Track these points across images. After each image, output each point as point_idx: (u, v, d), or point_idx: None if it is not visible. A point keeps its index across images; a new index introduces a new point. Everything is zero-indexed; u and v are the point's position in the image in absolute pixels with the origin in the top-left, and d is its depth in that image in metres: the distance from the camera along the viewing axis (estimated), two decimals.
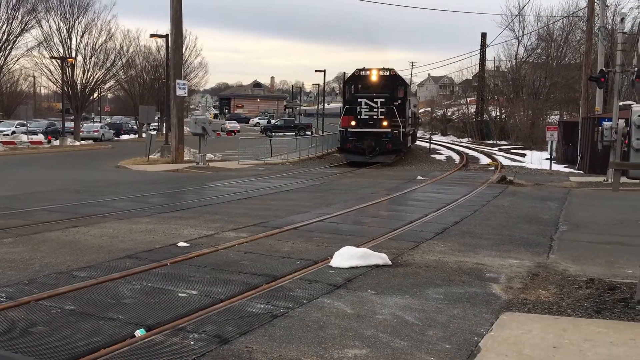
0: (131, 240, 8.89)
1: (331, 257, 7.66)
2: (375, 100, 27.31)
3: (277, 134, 55.09)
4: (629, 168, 5.76)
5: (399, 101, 27.81)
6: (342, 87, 30.74)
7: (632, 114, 5.82)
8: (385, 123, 26.95)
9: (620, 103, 19.14)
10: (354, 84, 28.47)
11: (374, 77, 27.89)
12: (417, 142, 41.14)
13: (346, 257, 7.54)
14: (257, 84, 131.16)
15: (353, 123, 27.39)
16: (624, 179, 6.02)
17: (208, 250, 8.25)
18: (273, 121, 75.33)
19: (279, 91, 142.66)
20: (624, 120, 5.99)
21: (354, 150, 27.35)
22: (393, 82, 28.16)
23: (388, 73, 28.15)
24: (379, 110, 27.26)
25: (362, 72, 28.18)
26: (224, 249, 8.38)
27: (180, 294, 6.17)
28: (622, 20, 18.57)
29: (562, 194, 16.59)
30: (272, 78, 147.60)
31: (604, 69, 21.11)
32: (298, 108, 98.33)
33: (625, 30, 18.55)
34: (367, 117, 27.32)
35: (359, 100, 27.40)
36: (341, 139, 28.22)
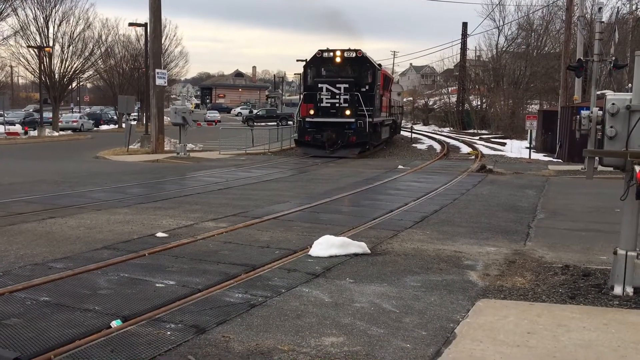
0: (109, 231, 8.81)
1: (310, 247, 7.67)
2: (337, 85, 24.16)
3: (259, 124, 54.85)
4: (601, 155, 5.84)
5: (367, 87, 24.78)
6: (302, 72, 26.63)
7: (606, 102, 5.88)
8: (348, 112, 23.95)
9: (598, 92, 19.30)
10: (316, 68, 25.40)
11: (337, 59, 24.78)
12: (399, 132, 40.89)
13: (325, 246, 7.56)
14: (238, 74, 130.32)
15: (312, 112, 24.38)
16: (602, 168, 6.08)
17: (187, 241, 8.21)
18: (255, 111, 74.94)
19: (261, 81, 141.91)
20: (598, 108, 6.04)
21: (313, 143, 24.47)
22: (360, 65, 25.10)
23: (354, 54, 24.87)
24: (342, 97, 24.07)
25: (325, 54, 25.00)
26: (203, 239, 8.35)
27: (157, 285, 6.14)
28: (600, 9, 18.71)
29: (541, 182, 16.77)
30: (254, 68, 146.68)
31: (582, 58, 21.30)
32: (280, 98, 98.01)
33: (602, 20, 18.70)
34: (329, 105, 24.20)
35: (320, 85, 24.26)
36: (298, 130, 25.32)
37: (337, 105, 24.11)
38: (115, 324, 4.95)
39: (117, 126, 54.92)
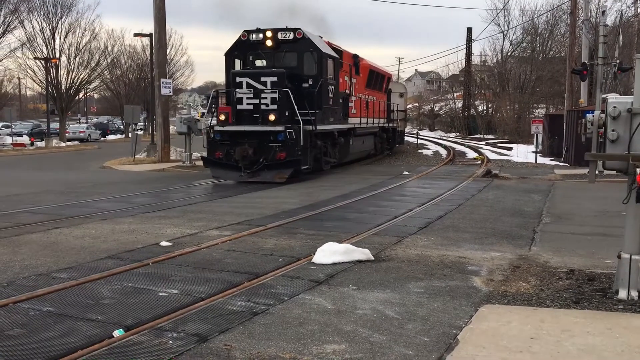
0: (113, 241, 8.84)
1: (314, 254, 7.66)
2: (262, 79, 16.98)
3: None
4: (603, 159, 5.81)
5: (310, 81, 17.95)
6: (225, 63, 19.12)
7: (608, 106, 5.86)
8: (272, 117, 16.60)
9: (603, 95, 19.27)
10: (243, 56, 18.68)
11: (269, 42, 18.02)
12: (405, 138, 40.49)
13: (328, 253, 7.55)
14: None
15: (222, 118, 17.36)
16: (608, 171, 6.05)
17: (191, 249, 8.22)
18: None
19: None
20: (600, 111, 6.02)
21: (226, 162, 17.01)
22: (301, 51, 18.11)
23: (292, 35, 17.93)
24: (269, 95, 16.92)
25: (253, 36, 18.23)
26: (207, 248, 8.36)
27: (160, 294, 6.15)
28: (604, 13, 18.73)
29: (547, 186, 16.70)
30: None
31: (586, 62, 21.28)
32: None
33: (606, 23, 18.71)
34: (251, 107, 17.05)
35: (238, 80, 17.13)
36: (208, 144, 17.90)
37: (263, 107, 16.96)
38: (117, 333, 4.96)
39: (124, 136, 55.27)
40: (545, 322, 5.22)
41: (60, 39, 44.86)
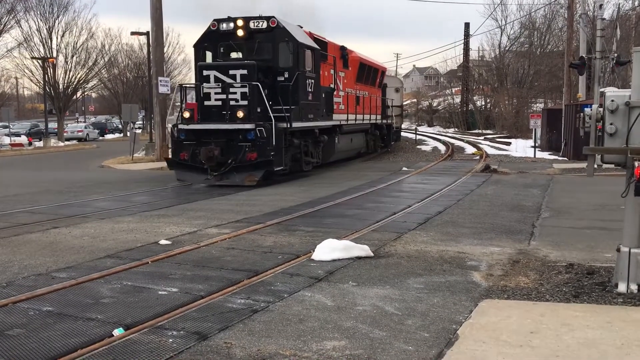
0: (112, 240, 8.83)
1: (313, 251, 7.66)
2: (231, 72, 15.68)
3: None
4: (602, 153, 5.81)
5: (286, 74, 16.51)
6: (194, 55, 17.96)
7: (606, 99, 5.86)
8: (241, 114, 15.29)
9: (602, 89, 19.26)
10: (213, 47, 17.22)
11: (240, 31, 16.56)
12: (403, 134, 40.25)
13: (328, 250, 7.55)
14: None
15: (187, 115, 16.00)
16: (607, 165, 6.06)
17: (190, 248, 8.22)
18: None
19: None
20: (597, 105, 6.02)
21: (192, 164, 15.76)
22: (276, 41, 16.62)
23: (265, 24, 16.47)
24: (239, 90, 15.60)
25: (224, 25, 16.79)
26: (206, 246, 8.35)
27: (160, 292, 6.15)
28: (601, 7, 18.70)
29: (545, 181, 16.70)
30: None
31: (584, 55, 21.26)
32: None
33: (604, 17, 18.69)
34: (219, 103, 15.69)
35: (205, 73, 15.89)
36: (172, 144, 16.69)
37: (232, 103, 15.58)
38: (117, 332, 4.96)
39: (122, 135, 55.17)
40: (544, 316, 5.22)
41: (57, 38, 44.80)
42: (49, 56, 43.60)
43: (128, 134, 39.52)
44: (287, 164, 16.64)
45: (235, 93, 15.62)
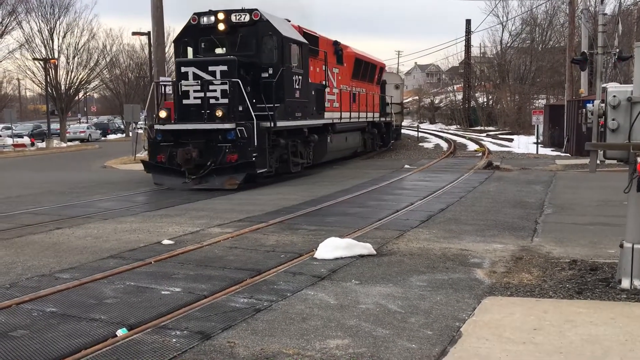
0: (115, 240, 8.85)
1: (316, 249, 7.67)
2: (211, 69, 14.84)
3: None
4: (604, 148, 5.79)
5: (271, 70, 15.66)
6: (174, 51, 17.52)
7: (608, 95, 5.84)
8: (220, 113, 14.47)
9: (604, 85, 19.23)
10: (193, 43, 16.39)
11: (221, 25, 15.72)
12: (404, 131, 40.18)
13: (330, 248, 7.54)
14: None
15: (163, 115, 15.28)
16: (610, 160, 6.05)
17: (193, 247, 8.22)
18: None
19: None
20: (600, 101, 6.00)
21: (168, 166, 15.05)
22: (259, 35, 15.80)
23: (248, 17, 15.61)
24: (219, 87, 14.76)
25: (204, 19, 15.92)
26: (209, 245, 8.36)
27: (163, 292, 6.16)
28: (602, 2, 18.64)
29: (548, 177, 16.68)
30: None
31: (585, 51, 21.21)
32: None
33: (605, 12, 18.63)
34: (199, 101, 14.83)
35: (183, 70, 15.01)
36: (149, 145, 15.89)
37: (212, 102, 14.74)
38: (120, 332, 4.97)
39: (124, 135, 55.25)
40: (548, 313, 5.22)
41: (58, 39, 44.85)
42: (50, 57, 43.67)
43: (130, 134, 39.58)
44: (272, 166, 15.87)
45: (214, 91, 14.79)
